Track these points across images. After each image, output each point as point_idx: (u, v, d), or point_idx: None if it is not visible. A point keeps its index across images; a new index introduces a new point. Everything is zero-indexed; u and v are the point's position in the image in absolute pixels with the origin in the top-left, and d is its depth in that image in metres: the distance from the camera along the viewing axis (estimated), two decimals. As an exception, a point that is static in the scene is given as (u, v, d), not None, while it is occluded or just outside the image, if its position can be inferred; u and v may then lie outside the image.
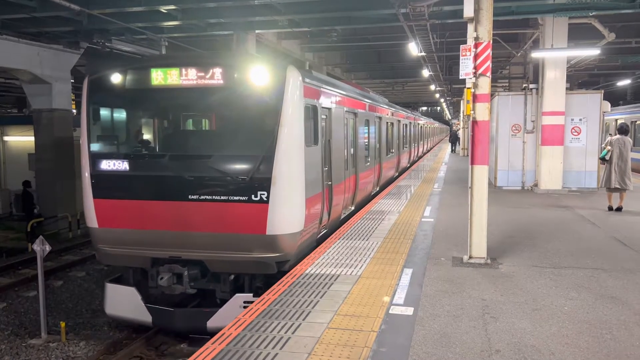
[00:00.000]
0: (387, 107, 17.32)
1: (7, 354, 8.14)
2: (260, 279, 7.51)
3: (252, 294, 7.15)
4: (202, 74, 7.24)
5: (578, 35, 15.74)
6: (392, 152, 18.26)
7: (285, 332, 4.73)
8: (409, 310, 5.29)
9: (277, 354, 4.30)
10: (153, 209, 7.40)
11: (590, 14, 12.65)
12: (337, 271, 6.66)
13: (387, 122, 16.87)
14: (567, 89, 14.43)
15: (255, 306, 5.41)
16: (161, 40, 14.84)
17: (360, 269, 6.76)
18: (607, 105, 14.85)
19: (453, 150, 38.40)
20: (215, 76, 7.21)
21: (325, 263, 7.05)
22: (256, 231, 7.05)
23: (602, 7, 12.22)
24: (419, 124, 30.36)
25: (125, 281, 8.06)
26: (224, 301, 7.31)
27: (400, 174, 20.49)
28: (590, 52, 14.81)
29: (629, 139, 11.22)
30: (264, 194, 6.97)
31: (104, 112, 8.27)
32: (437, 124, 60.38)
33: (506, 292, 5.90)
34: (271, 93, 7.18)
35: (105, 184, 7.61)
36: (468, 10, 6.90)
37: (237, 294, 7.23)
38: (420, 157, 30.95)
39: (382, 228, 9.37)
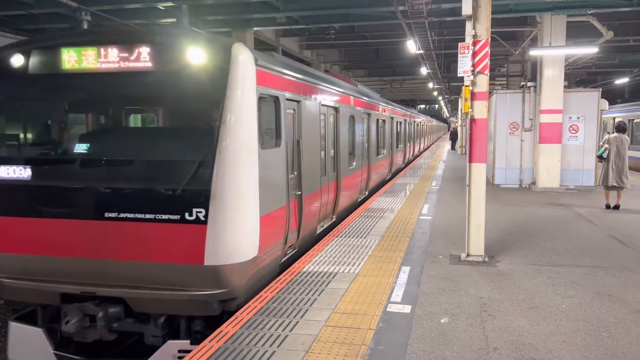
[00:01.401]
0: (377, 102, 15.86)
1: None
2: (200, 321, 5.71)
3: (189, 342, 5.53)
4: (126, 54, 5.56)
5: (576, 33, 15.75)
6: (383, 153, 16.71)
7: (283, 330, 4.72)
8: (407, 308, 5.29)
9: (274, 351, 4.29)
10: (59, 229, 5.67)
11: (589, 12, 12.65)
12: (335, 269, 6.65)
13: (377, 120, 15.43)
14: (565, 87, 14.45)
15: (252, 304, 5.40)
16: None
17: (357, 266, 6.76)
18: (605, 103, 14.87)
19: (453, 148, 38.47)
20: (142, 57, 5.55)
21: (322, 261, 7.04)
22: (191, 260, 5.35)
23: (601, 5, 12.23)
24: (415, 121, 28.82)
25: (39, 319, 6.22)
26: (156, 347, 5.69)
27: (394, 175, 19.27)
28: (588, 50, 14.82)
29: (626, 137, 11.23)
30: (200, 212, 5.29)
31: None
32: (435, 122, 60.25)
33: (504, 290, 5.90)
34: (211, 79, 5.52)
35: None
36: (466, 8, 6.90)
37: (169, 341, 5.57)
38: (416, 157, 29.95)
39: (380, 226, 9.36)
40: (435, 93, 41.92)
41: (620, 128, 11.36)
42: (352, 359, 4.15)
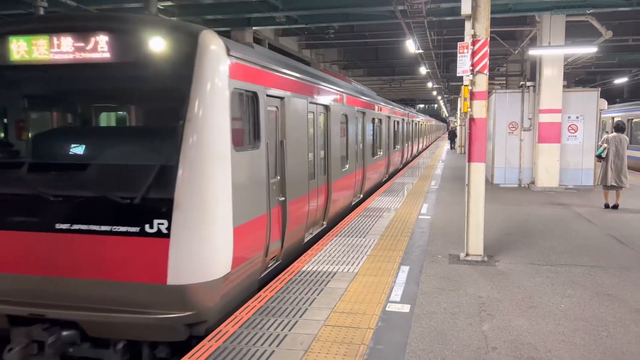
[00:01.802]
0: (373, 101, 15.04)
1: None
2: (165, 347, 5.12)
3: None
4: (81, 43, 4.92)
5: (575, 32, 15.76)
6: (379, 153, 15.95)
7: (282, 330, 4.72)
8: (406, 308, 5.29)
9: (273, 351, 4.29)
10: (3, 243, 5.03)
11: (588, 12, 12.66)
12: (334, 268, 6.65)
13: (373, 119, 14.66)
14: (564, 86, 14.46)
15: (252, 303, 5.40)
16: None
17: (357, 266, 6.76)
18: (604, 103, 14.90)
19: (452, 147, 38.53)
20: (99, 46, 4.89)
21: (322, 260, 7.04)
22: (153, 279, 4.72)
23: (600, 5, 12.23)
24: (413, 120, 27.93)
25: None
26: None
27: (391, 176, 18.71)
28: (587, 50, 14.81)
29: (625, 137, 11.24)
30: (162, 224, 4.67)
31: None
32: (434, 122, 60.21)
33: (503, 290, 5.91)
34: (175, 70, 4.89)
35: None
36: (466, 8, 6.90)
37: None
38: (415, 157, 29.41)
39: (379, 225, 9.36)
40: (435, 93, 41.91)
41: (619, 128, 11.37)
42: (352, 358, 4.15)
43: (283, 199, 6.81)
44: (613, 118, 23.46)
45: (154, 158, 4.84)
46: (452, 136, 40.26)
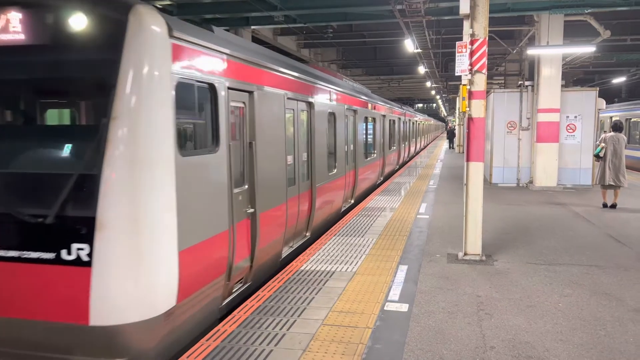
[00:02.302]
0: (367, 98, 14.04)
1: None
2: None
3: None
4: None
5: (573, 32, 15.77)
6: (373, 155, 15.07)
7: (280, 329, 4.72)
8: (404, 307, 5.29)
9: (271, 350, 4.29)
10: None
11: (586, 11, 12.66)
12: (332, 268, 6.65)
13: (366, 118, 13.80)
14: (562, 86, 14.47)
15: (250, 303, 5.40)
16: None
17: (355, 265, 6.76)
18: (602, 102, 14.92)
19: (451, 147, 38.56)
20: (11, 26, 3.98)
21: (320, 259, 7.04)
22: (72, 318, 3.81)
23: (598, 4, 12.24)
24: (410, 120, 27.00)
25: None
26: None
27: (387, 178, 17.99)
28: (585, 50, 14.83)
29: (623, 136, 11.25)
30: (82, 249, 3.76)
31: None
32: (432, 121, 60.12)
33: (501, 289, 5.91)
34: (99, 54, 3.95)
35: None
36: (464, 7, 6.90)
37: None
38: (412, 157, 28.74)
39: (378, 225, 9.37)
40: (433, 92, 41.93)
41: (617, 127, 11.38)
42: (350, 357, 4.15)
43: (252, 210, 5.85)
44: (611, 117, 23.51)
45: (71, 165, 3.93)
46: (450, 135, 40.31)
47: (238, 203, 5.50)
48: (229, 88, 5.20)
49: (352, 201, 12.08)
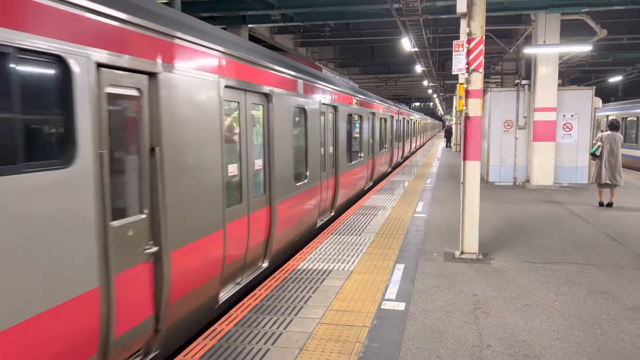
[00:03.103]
0: (351, 93, 12.32)
1: None
2: None
3: None
4: None
5: (570, 31, 15.81)
6: (359, 158, 13.37)
7: (277, 328, 4.72)
8: (401, 306, 5.30)
9: (268, 349, 4.29)
10: None
11: (583, 10, 12.70)
12: (330, 266, 6.65)
13: (350, 116, 12.21)
14: (559, 85, 14.50)
15: (247, 301, 5.39)
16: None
17: (352, 264, 6.76)
18: (599, 101, 14.94)
19: (448, 146, 38.60)
20: None
21: (317, 258, 7.04)
22: None
23: (594, 4, 12.28)
24: (404, 118, 25.39)
25: None
26: None
27: (377, 182, 16.53)
28: (582, 49, 14.87)
29: (619, 135, 11.28)
30: None
31: None
32: (429, 120, 60.01)
33: (498, 288, 5.92)
34: None
35: None
36: (461, 6, 6.90)
37: None
38: (407, 158, 27.46)
39: (375, 223, 9.37)
40: (430, 91, 41.98)
41: (613, 126, 11.41)
42: (347, 356, 4.15)
43: (155, 249, 4.19)
44: (607, 116, 23.58)
45: None
46: (447, 134, 40.33)
47: (123, 242, 3.83)
48: (98, 65, 3.52)
49: (333, 213, 10.39)
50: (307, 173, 8.53)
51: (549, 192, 13.81)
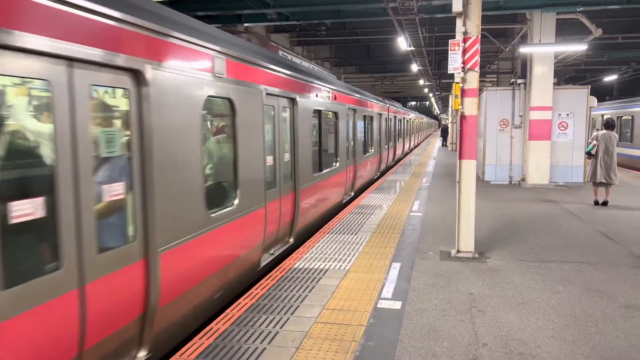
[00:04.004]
0: (318, 83, 9.37)
1: None
2: None
3: None
4: None
5: (565, 30, 15.85)
6: (334, 164, 10.92)
7: (274, 327, 4.72)
8: (397, 304, 5.30)
9: (265, 348, 4.29)
10: None
11: (578, 10, 12.74)
12: (326, 265, 6.66)
13: (318, 112, 9.60)
14: (554, 84, 14.54)
15: (243, 301, 5.39)
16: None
17: (348, 263, 6.77)
18: (594, 100, 15.00)
19: (444, 145, 38.66)
20: None
21: (313, 257, 7.04)
22: None
23: (590, 3, 12.32)
24: (395, 116, 22.75)
25: None
26: None
27: (361, 191, 14.31)
28: (577, 48, 14.93)
29: (614, 134, 11.32)
30: None
31: None
32: (425, 119, 59.91)
33: (493, 286, 5.94)
34: None
35: None
36: (457, 5, 6.91)
37: None
38: (399, 160, 25.13)
39: (371, 222, 9.38)
40: (426, 90, 41.99)
41: (608, 125, 11.45)
42: (343, 355, 4.16)
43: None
44: (603, 115, 23.66)
45: None
46: (444, 133, 40.39)
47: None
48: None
49: (291, 240, 7.98)
50: (250, 192, 6.19)
51: (545, 190, 13.86)
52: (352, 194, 13.21)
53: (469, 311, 5.17)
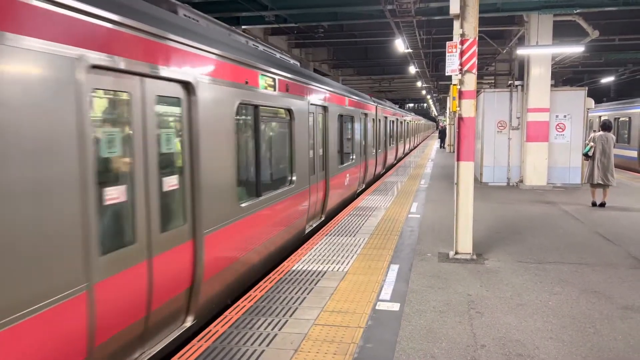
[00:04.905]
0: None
1: None
2: None
3: None
4: None
5: (563, 32, 15.89)
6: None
7: (272, 329, 4.72)
8: (396, 306, 5.31)
9: (263, 350, 4.29)
10: None
11: (575, 12, 12.76)
12: (324, 267, 6.66)
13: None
14: (551, 85, 14.58)
15: (242, 303, 5.39)
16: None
17: (347, 265, 6.77)
18: (591, 102, 15.03)
19: (442, 146, 38.68)
20: None
21: (312, 259, 7.04)
22: None
23: (587, 5, 12.34)
24: (387, 117, 20.70)
25: None
26: None
27: (351, 200, 13.21)
28: (574, 49, 14.95)
29: (612, 136, 11.35)
30: None
31: None
32: (423, 120, 59.93)
33: (491, 288, 5.94)
34: None
35: None
36: (454, 7, 6.93)
37: None
38: (392, 166, 23.42)
39: (369, 224, 9.38)
40: (424, 92, 42.05)
41: (605, 126, 11.48)
42: (342, 356, 4.16)
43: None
44: (600, 117, 23.72)
45: None
46: (442, 135, 40.41)
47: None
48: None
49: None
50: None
51: (542, 192, 13.88)
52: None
53: (467, 312, 5.17)
